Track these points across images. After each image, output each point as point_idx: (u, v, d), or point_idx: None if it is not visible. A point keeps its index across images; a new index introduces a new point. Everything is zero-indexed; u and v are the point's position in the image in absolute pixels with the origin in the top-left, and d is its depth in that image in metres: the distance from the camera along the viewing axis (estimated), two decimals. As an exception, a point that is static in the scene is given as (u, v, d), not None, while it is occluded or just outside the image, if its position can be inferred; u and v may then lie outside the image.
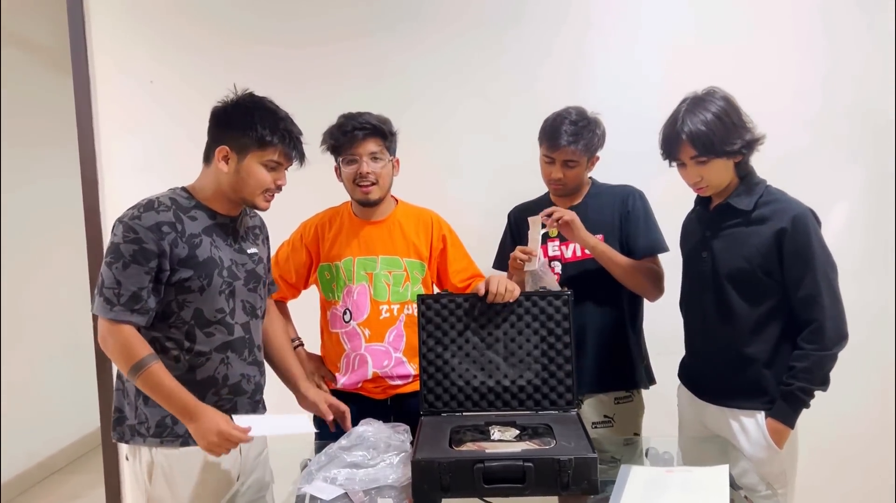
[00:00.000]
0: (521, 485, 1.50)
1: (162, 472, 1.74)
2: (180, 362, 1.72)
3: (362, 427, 1.76)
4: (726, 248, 1.85)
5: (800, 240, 1.76)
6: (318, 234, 2.15)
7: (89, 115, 2.85)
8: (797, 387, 1.76)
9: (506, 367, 1.89)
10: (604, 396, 2.17)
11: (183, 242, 1.69)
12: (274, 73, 2.80)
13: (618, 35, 2.74)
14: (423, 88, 2.77)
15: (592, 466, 1.50)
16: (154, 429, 1.72)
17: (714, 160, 1.80)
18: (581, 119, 2.10)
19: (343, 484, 1.61)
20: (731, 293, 1.83)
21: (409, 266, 2.10)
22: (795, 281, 1.78)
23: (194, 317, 1.71)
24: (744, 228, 1.83)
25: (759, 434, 1.81)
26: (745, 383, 1.84)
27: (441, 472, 1.50)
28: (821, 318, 1.75)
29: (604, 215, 2.18)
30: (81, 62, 2.84)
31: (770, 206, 1.81)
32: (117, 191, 2.83)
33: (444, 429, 1.72)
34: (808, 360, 1.76)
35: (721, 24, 2.70)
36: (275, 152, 1.73)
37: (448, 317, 1.91)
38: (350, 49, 2.80)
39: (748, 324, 1.83)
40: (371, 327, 2.07)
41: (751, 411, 1.83)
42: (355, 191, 2.07)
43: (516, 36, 2.75)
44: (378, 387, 2.09)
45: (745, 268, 1.81)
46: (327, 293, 2.14)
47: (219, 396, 1.76)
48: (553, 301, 1.90)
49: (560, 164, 2.11)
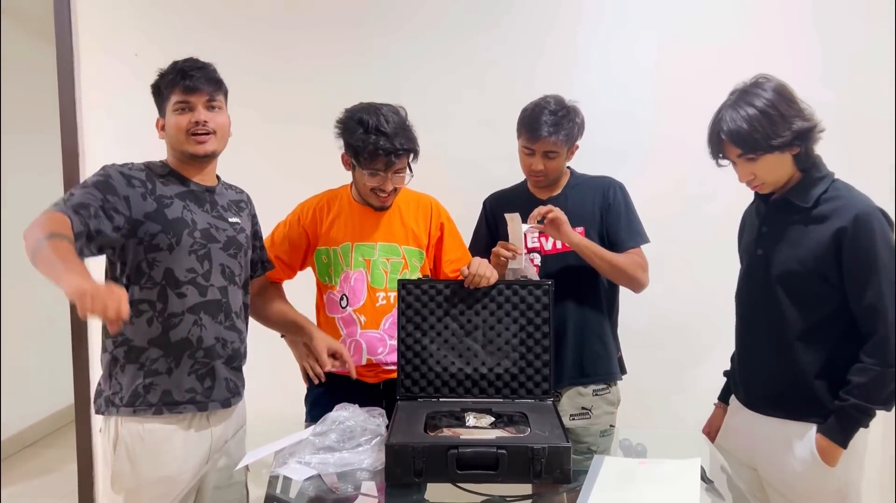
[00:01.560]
0: (494, 471, 1.50)
1: (125, 448, 1.74)
2: (153, 324, 1.71)
3: (337, 412, 1.75)
4: (780, 248, 1.71)
5: (862, 242, 1.59)
6: (315, 216, 2.11)
7: (72, 85, 2.81)
8: (852, 403, 1.60)
9: (484, 355, 1.89)
10: (582, 388, 2.17)
11: (152, 199, 1.71)
12: (261, 52, 2.78)
13: (608, 27, 2.74)
14: (412, 77, 2.75)
15: (565, 456, 1.51)
16: (127, 398, 1.72)
17: (764, 156, 1.66)
18: (560, 108, 2.07)
19: (316, 466, 1.60)
20: (782, 297, 1.69)
21: (407, 254, 2.08)
22: (857, 288, 1.61)
23: (165, 276, 1.71)
24: (801, 227, 1.68)
25: (807, 448, 1.68)
26: (793, 394, 1.70)
27: (415, 457, 1.50)
28: (883, 331, 1.58)
29: (584, 207, 2.16)
30: (65, 32, 2.80)
31: (832, 202, 1.65)
32: (99, 163, 2.75)
33: (420, 415, 1.72)
34: (867, 376, 1.60)
35: (712, 18, 2.70)
36: (176, 92, 1.74)
37: (428, 302, 1.90)
38: (340, 36, 2.79)
39: (797, 331, 1.68)
40: (367, 314, 2.05)
41: (803, 423, 1.69)
42: (370, 196, 2.02)
43: (508, 26, 2.75)
44: (371, 372, 2.07)
45: (798, 272, 1.66)
46: (324, 277, 2.11)
47: (194, 359, 1.75)
48: (534, 290, 1.90)
49: (540, 155, 2.08)
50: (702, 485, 1.51)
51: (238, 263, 1.85)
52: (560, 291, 2.02)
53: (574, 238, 2.04)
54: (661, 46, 2.71)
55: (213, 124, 1.77)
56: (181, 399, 1.74)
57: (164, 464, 1.75)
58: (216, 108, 1.79)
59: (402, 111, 2.00)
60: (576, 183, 2.21)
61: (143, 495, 1.75)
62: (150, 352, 1.72)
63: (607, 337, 2.21)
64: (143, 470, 1.74)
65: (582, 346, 2.16)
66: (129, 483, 1.75)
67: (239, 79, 1.93)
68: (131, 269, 1.70)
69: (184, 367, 1.74)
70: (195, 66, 1.77)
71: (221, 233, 1.81)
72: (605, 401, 2.19)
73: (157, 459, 1.75)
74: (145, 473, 1.74)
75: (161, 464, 1.75)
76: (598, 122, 2.71)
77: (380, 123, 1.91)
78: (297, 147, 2.79)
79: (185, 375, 1.75)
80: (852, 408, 1.61)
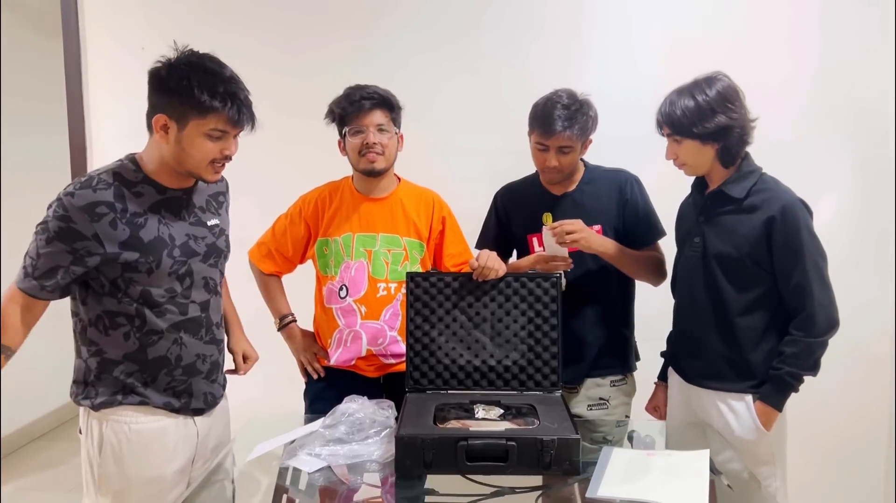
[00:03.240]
0: (504, 463, 1.51)
1: (111, 449, 1.67)
2: (130, 339, 1.63)
3: (346, 404, 1.75)
4: (717, 234, 1.86)
5: (788, 230, 1.77)
6: (318, 207, 2.12)
7: (79, 80, 2.81)
8: (786, 371, 1.78)
9: (492, 347, 1.89)
10: (600, 379, 2.16)
11: (123, 224, 1.56)
12: (267, 43, 2.78)
13: (611, 14, 2.73)
14: (417, 71, 2.75)
15: (575, 447, 1.51)
16: (104, 402, 1.66)
17: (686, 140, 1.83)
18: (573, 102, 2.03)
19: (326, 458, 1.61)
20: (720, 278, 1.85)
21: (408, 245, 2.08)
22: (785, 270, 1.79)
23: (142, 296, 1.61)
24: (734, 216, 1.84)
25: (748, 416, 1.83)
26: (732, 367, 1.86)
27: (424, 449, 1.51)
28: (810, 307, 1.77)
29: (601, 204, 2.13)
30: (72, 27, 2.80)
31: (761, 194, 1.82)
32: (106, 156, 2.77)
33: (429, 407, 1.72)
34: (797, 346, 1.78)
35: (717, 9, 2.69)
36: (218, 120, 1.55)
37: (436, 295, 1.91)
38: (345, 28, 2.79)
39: (736, 308, 1.84)
40: (367, 304, 2.05)
41: (739, 394, 1.85)
42: (360, 161, 2.03)
43: (512, 17, 2.74)
44: (371, 366, 2.07)
45: (734, 256, 1.82)
46: (324, 268, 2.11)
47: (172, 377, 1.68)
48: (542, 282, 1.90)
49: (554, 150, 2.04)
50: (711, 476, 1.52)
51: (219, 271, 1.78)
52: (578, 285, 2.04)
53: (604, 246, 2.02)
54: (665, 35, 2.70)
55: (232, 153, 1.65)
56: (158, 404, 1.68)
57: (152, 465, 1.68)
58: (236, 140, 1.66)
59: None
60: (591, 177, 2.18)
61: (132, 497, 1.69)
62: (124, 365, 1.65)
63: (625, 327, 2.20)
64: (131, 471, 1.67)
65: (600, 339, 2.14)
66: (117, 485, 1.68)
67: (244, 70, 1.93)
68: (107, 281, 1.60)
69: (160, 384, 1.67)
70: (247, 100, 1.60)
71: (201, 242, 1.70)
72: (622, 392, 2.18)
73: (144, 460, 1.68)
74: (133, 474, 1.67)
75: (149, 465, 1.68)
76: (602, 113, 2.72)
77: (360, 86, 2.03)
78: (300, 139, 2.78)
79: (161, 390, 1.68)
80: (787, 375, 1.79)
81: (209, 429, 1.79)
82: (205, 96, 1.52)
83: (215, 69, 1.57)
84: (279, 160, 2.76)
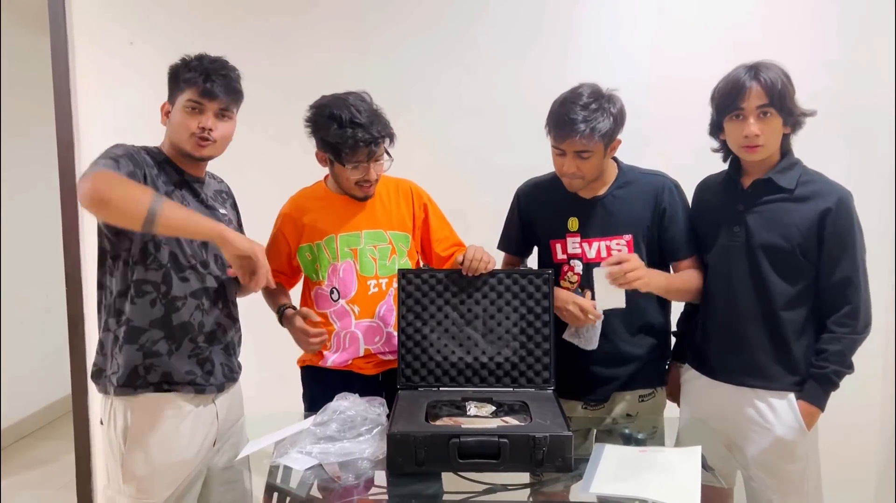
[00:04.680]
0: (496, 460, 1.50)
1: (136, 436, 1.73)
2: (156, 306, 1.72)
3: (337, 401, 1.74)
4: (763, 224, 1.80)
5: (843, 222, 1.74)
6: (294, 221, 2.06)
7: (66, 74, 2.78)
8: (832, 370, 1.74)
9: (484, 344, 1.89)
10: (629, 394, 2.00)
11: (155, 180, 1.71)
12: (257, 41, 2.76)
13: (607, 9, 2.72)
14: (411, 67, 2.73)
15: (567, 444, 1.51)
16: (125, 378, 1.71)
17: (775, 118, 1.74)
18: (593, 100, 1.81)
19: (317, 456, 1.60)
20: (767, 269, 1.79)
21: (393, 238, 2.04)
22: (832, 262, 1.75)
23: (171, 259, 1.72)
24: (784, 205, 1.78)
25: (792, 416, 1.78)
26: (776, 362, 1.81)
27: (416, 446, 1.50)
28: (855, 302, 1.74)
29: (634, 212, 1.94)
30: (59, 20, 2.77)
31: (811, 185, 1.78)
32: (94, 151, 2.73)
33: (421, 404, 1.72)
34: (841, 344, 1.75)
35: (713, 8, 2.68)
36: (193, 91, 1.71)
37: (428, 292, 1.90)
38: (335, 21, 2.76)
39: (782, 301, 1.79)
40: (360, 304, 2.01)
41: (781, 392, 1.80)
42: (353, 189, 1.98)
43: (505, 13, 2.72)
44: (369, 363, 2.03)
45: (783, 246, 1.77)
46: (311, 273, 2.07)
47: (195, 343, 1.76)
48: (534, 279, 1.89)
49: (572, 155, 1.84)
50: (703, 472, 1.52)
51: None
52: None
53: (659, 288, 1.87)
54: (660, 29, 2.69)
55: (218, 133, 1.76)
56: (180, 380, 1.75)
57: (176, 450, 1.76)
58: (226, 118, 1.78)
59: (367, 96, 1.95)
60: (625, 181, 1.97)
61: (157, 482, 1.75)
62: (151, 333, 1.72)
63: (662, 339, 2.04)
64: (156, 456, 1.74)
65: (638, 357, 1.98)
66: (143, 471, 1.75)
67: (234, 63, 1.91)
68: (137, 249, 1.70)
69: (184, 351, 1.75)
70: (220, 70, 1.75)
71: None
72: (651, 406, 2.02)
73: (169, 445, 1.75)
74: (158, 460, 1.74)
75: (173, 450, 1.76)
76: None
77: (353, 115, 1.87)
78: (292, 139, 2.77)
79: (185, 358, 1.75)
80: (832, 374, 1.75)
81: (227, 410, 1.87)
82: (185, 73, 1.72)
83: (206, 55, 1.75)
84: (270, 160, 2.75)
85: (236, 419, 1.94)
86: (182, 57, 1.77)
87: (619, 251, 1.92)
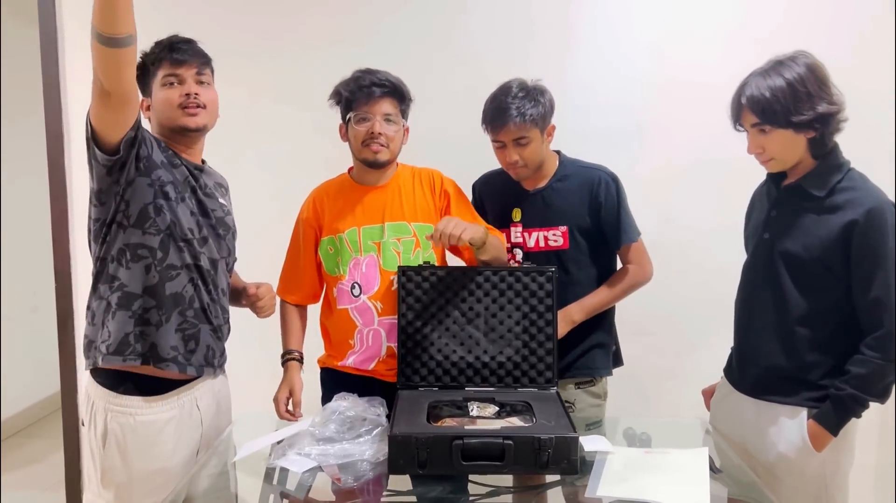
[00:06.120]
0: (500, 463, 1.47)
1: (115, 441, 1.68)
2: (150, 272, 1.68)
3: (336, 402, 1.71)
4: (788, 233, 1.68)
5: (873, 235, 1.57)
6: (317, 209, 2.01)
7: (55, 66, 2.73)
8: (849, 393, 1.60)
9: (486, 343, 1.85)
10: (566, 382, 2.04)
11: (159, 151, 1.70)
12: (253, 32, 2.72)
13: (605, 8, 2.69)
14: (409, 56, 2.68)
15: (573, 446, 1.48)
16: (115, 345, 1.67)
17: (777, 131, 1.62)
18: (520, 90, 1.94)
19: (316, 458, 1.56)
20: (785, 280, 1.67)
21: (418, 230, 1.95)
22: (864, 280, 1.59)
23: (169, 227, 1.68)
24: (812, 215, 1.65)
25: (797, 433, 1.67)
26: (786, 375, 1.70)
27: (419, 448, 1.47)
28: (889, 325, 1.57)
29: (570, 204, 2.04)
30: (49, 13, 2.71)
31: (846, 193, 1.61)
32: (83, 149, 2.70)
33: (422, 404, 1.68)
34: (867, 368, 1.59)
35: (711, 5, 2.65)
36: (164, 66, 1.72)
37: (429, 290, 1.86)
38: (336, 14, 2.72)
39: (798, 314, 1.67)
40: (383, 300, 1.94)
41: (792, 407, 1.69)
42: (362, 150, 1.93)
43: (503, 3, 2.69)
44: (391, 370, 1.93)
45: (802, 257, 1.64)
46: (332, 269, 1.99)
47: (184, 317, 1.72)
48: (537, 277, 1.86)
49: (511, 144, 1.95)
50: (710, 474, 1.50)
51: (226, 245, 1.83)
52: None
53: (573, 317, 2.01)
54: (660, 27, 2.66)
55: (204, 98, 1.74)
56: (165, 356, 1.69)
57: (156, 457, 1.70)
58: (205, 83, 1.76)
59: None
60: (564, 174, 2.07)
61: (136, 489, 1.70)
62: (143, 300, 1.68)
63: (601, 331, 2.10)
64: (135, 463, 1.69)
65: (575, 345, 2.05)
66: (121, 478, 1.69)
67: (229, 59, 1.88)
68: (136, 211, 1.66)
69: (172, 323, 1.70)
70: (181, 40, 1.76)
71: (212, 212, 1.79)
72: (589, 394, 2.08)
73: (149, 452, 1.69)
74: (137, 466, 1.69)
75: (153, 457, 1.70)
76: (594, 105, 2.68)
77: (370, 69, 1.94)
78: (289, 128, 2.73)
79: (173, 331, 1.70)
80: (849, 398, 1.61)
81: (213, 416, 1.82)
82: (151, 57, 1.74)
83: (163, 39, 1.76)
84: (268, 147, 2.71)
85: (223, 427, 1.87)
86: (141, 53, 1.74)
87: (555, 241, 2.04)
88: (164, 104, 1.72)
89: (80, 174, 2.78)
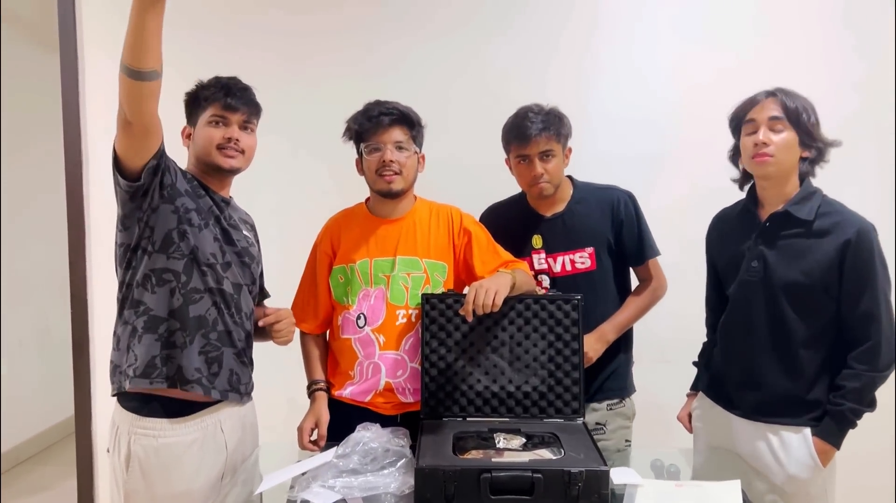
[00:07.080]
0: (529, 496, 1.44)
1: (138, 464, 1.69)
2: (175, 295, 1.70)
3: (359, 432, 1.67)
4: (782, 260, 1.76)
5: (863, 254, 1.69)
6: (332, 238, 2.01)
7: (76, 92, 2.75)
8: (848, 407, 1.69)
9: (511, 372, 1.82)
10: (596, 404, 2.08)
11: (183, 181, 1.74)
12: (270, 60, 2.74)
13: (624, 31, 2.70)
14: (425, 84, 2.70)
15: (604, 479, 1.44)
16: (142, 369, 1.68)
17: (789, 132, 1.73)
18: (541, 110, 2.01)
19: (340, 490, 1.53)
20: (786, 307, 1.75)
21: (429, 267, 1.95)
22: (853, 297, 1.70)
23: (192, 251, 1.71)
24: (803, 240, 1.74)
25: (805, 451, 1.74)
26: (792, 400, 1.76)
27: (446, 481, 1.44)
28: (876, 338, 1.68)
29: (592, 225, 2.07)
30: (69, 38, 2.74)
31: (830, 217, 1.73)
32: (102, 169, 2.72)
33: (447, 435, 1.65)
34: (860, 381, 1.69)
35: (731, 22, 2.66)
36: (215, 107, 1.76)
37: (453, 317, 1.83)
38: (351, 43, 2.75)
39: (800, 338, 1.75)
40: (386, 333, 1.92)
41: (797, 427, 1.76)
42: (377, 181, 1.93)
43: (521, 29, 2.71)
44: (388, 403, 1.92)
45: (804, 283, 1.72)
46: (341, 297, 1.98)
47: (207, 339, 1.73)
48: (562, 305, 1.83)
49: (537, 158, 1.99)
50: (745, 509, 1.46)
51: (250, 273, 1.84)
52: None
53: (608, 337, 2.04)
54: (679, 50, 2.67)
55: (244, 144, 1.79)
56: (190, 377, 1.70)
57: (179, 480, 1.71)
58: (249, 130, 1.82)
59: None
60: (580, 197, 2.10)
61: None
62: (169, 323, 1.70)
63: (624, 351, 2.14)
64: (158, 487, 1.69)
65: (601, 366, 2.06)
66: (143, 500, 1.70)
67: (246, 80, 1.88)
68: (160, 236, 1.69)
69: (196, 346, 1.71)
70: (239, 85, 1.81)
71: (237, 241, 1.82)
72: (621, 416, 2.11)
73: (171, 475, 1.70)
74: (160, 489, 1.70)
75: (176, 480, 1.70)
76: (614, 128, 2.68)
77: (378, 101, 1.97)
78: (306, 156, 2.73)
79: (196, 354, 1.71)
80: (849, 412, 1.70)
81: (238, 441, 1.81)
82: (206, 92, 1.78)
83: (223, 77, 1.81)
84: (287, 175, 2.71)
85: (249, 452, 1.87)
86: (196, 81, 1.82)
87: (582, 263, 2.06)
88: (204, 140, 1.77)
89: (98, 202, 2.79)
